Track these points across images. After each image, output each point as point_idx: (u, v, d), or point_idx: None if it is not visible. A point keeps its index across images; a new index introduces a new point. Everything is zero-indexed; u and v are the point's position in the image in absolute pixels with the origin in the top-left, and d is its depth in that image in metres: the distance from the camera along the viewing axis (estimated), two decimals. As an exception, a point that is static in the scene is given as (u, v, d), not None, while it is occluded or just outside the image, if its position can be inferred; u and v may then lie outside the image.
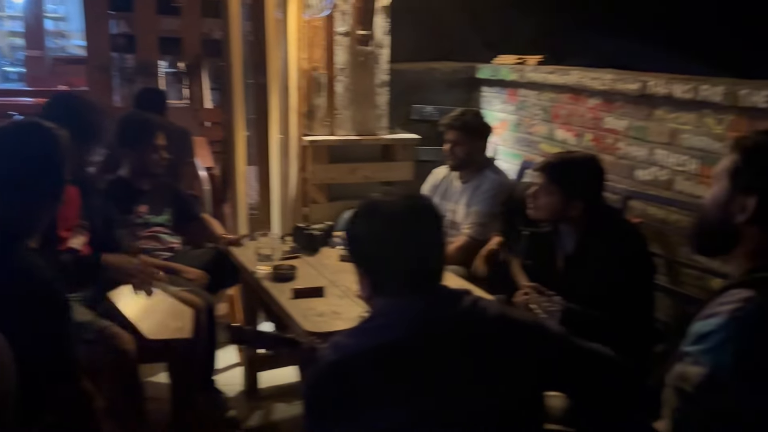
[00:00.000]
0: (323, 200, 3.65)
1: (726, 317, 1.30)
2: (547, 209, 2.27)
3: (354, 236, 1.35)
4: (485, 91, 4.12)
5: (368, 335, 1.26)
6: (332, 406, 1.23)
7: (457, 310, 1.27)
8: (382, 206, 1.32)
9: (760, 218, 1.32)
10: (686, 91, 2.64)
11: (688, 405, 1.34)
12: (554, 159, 2.34)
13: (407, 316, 1.24)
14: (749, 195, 1.32)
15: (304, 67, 3.56)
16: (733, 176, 1.36)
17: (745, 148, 1.37)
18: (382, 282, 1.31)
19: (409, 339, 1.22)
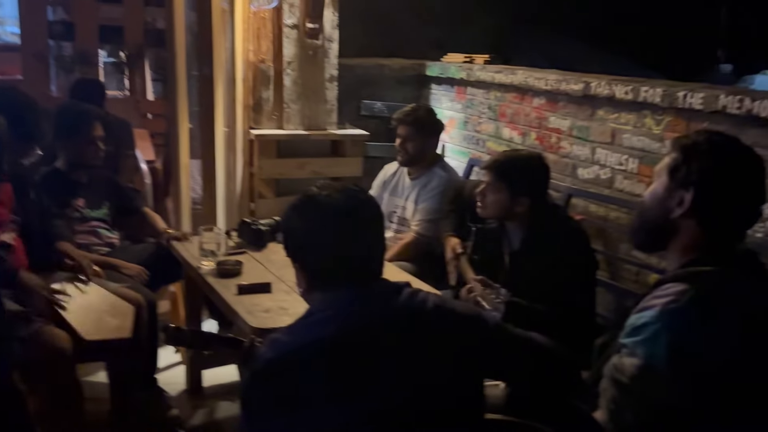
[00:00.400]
0: (271, 195, 3.60)
1: (660, 310, 1.35)
2: (494, 206, 2.31)
3: (289, 229, 1.32)
4: (434, 88, 4.15)
5: (306, 331, 1.23)
6: (270, 405, 1.20)
7: (395, 303, 1.26)
8: (317, 199, 1.28)
9: (696, 212, 1.38)
10: (627, 93, 2.72)
11: (624, 395, 1.38)
12: (501, 157, 2.37)
13: (345, 311, 1.23)
14: (686, 189, 1.39)
15: (251, 60, 3.50)
16: (672, 172, 1.42)
17: (683, 146, 1.43)
18: (318, 276, 1.29)
19: (347, 334, 1.21)
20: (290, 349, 1.21)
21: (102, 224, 2.92)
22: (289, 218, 1.32)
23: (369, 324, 1.22)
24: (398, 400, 1.20)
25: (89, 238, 2.85)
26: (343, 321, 1.22)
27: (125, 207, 3.05)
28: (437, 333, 1.25)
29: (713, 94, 2.35)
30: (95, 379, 2.77)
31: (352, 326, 1.21)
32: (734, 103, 2.27)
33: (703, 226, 1.39)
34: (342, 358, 1.19)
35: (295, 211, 1.31)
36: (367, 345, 1.21)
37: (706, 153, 1.40)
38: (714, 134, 1.46)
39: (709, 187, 1.38)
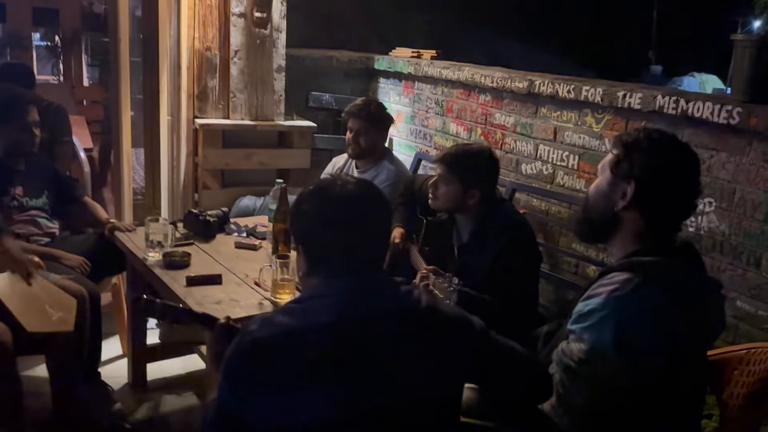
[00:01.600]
0: (216, 186, 3.54)
1: (606, 297, 1.43)
2: (446, 198, 2.36)
3: (300, 212, 1.34)
4: (382, 82, 4.17)
5: (301, 314, 1.24)
6: (253, 381, 1.21)
7: (392, 297, 1.29)
8: (332, 187, 1.33)
9: (638, 203, 1.47)
10: (569, 91, 2.82)
11: (572, 378, 1.46)
12: (453, 150, 2.42)
13: (343, 299, 1.25)
14: (628, 182, 1.47)
15: (197, 47, 3.43)
16: (615, 167, 1.50)
17: (624, 142, 1.52)
18: (321, 262, 1.31)
19: (342, 321, 1.22)
20: (283, 330, 1.22)
21: (41, 213, 2.81)
22: (301, 202, 1.35)
23: (365, 314, 1.24)
24: (381, 393, 1.22)
25: (28, 227, 2.74)
26: (340, 308, 1.23)
27: (65, 196, 2.94)
28: (427, 332, 1.28)
29: (651, 94, 2.48)
30: (33, 373, 2.68)
31: (349, 314, 1.23)
32: (670, 104, 2.39)
33: (645, 217, 1.48)
34: (334, 345, 1.20)
35: (308, 195, 1.34)
36: (360, 335, 1.22)
37: (646, 148, 1.49)
38: (653, 131, 1.54)
39: (649, 180, 1.47)
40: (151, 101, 3.36)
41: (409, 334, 1.27)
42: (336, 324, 1.22)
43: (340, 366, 1.20)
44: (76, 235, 2.96)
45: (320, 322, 1.22)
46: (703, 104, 2.29)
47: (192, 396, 2.79)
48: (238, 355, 1.23)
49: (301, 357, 1.19)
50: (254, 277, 2.30)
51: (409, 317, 1.28)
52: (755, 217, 2.20)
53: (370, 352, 1.22)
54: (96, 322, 2.58)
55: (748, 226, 2.22)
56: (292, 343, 1.20)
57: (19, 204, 2.74)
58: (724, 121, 2.22)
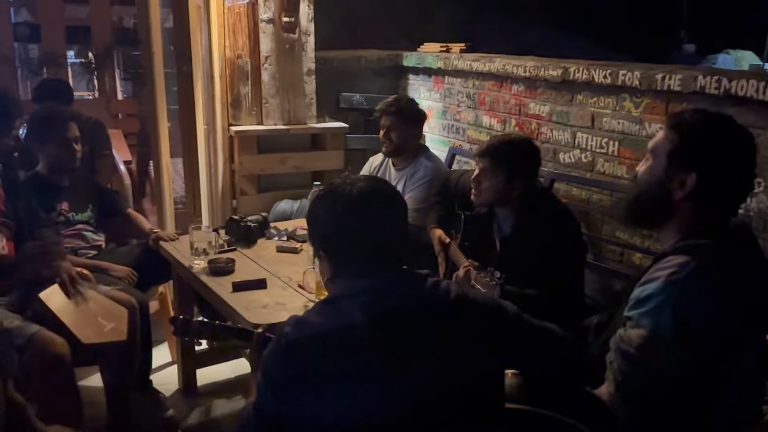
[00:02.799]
0: (253, 191, 3.58)
1: (663, 281, 1.40)
2: (490, 192, 2.34)
3: (314, 217, 1.35)
4: (412, 79, 4.16)
5: (333, 315, 1.26)
6: (291, 382, 1.22)
7: (419, 291, 1.29)
8: (341, 188, 1.32)
9: (697, 194, 1.42)
10: (606, 77, 2.77)
11: (631, 365, 1.43)
12: (495, 142, 2.39)
13: (371, 298, 1.25)
14: (688, 173, 1.42)
15: (228, 55, 3.47)
16: (672, 155, 1.44)
17: (683, 128, 1.45)
18: (343, 264, 1.31)
19: (373, 320, 1.23)
20: (317, 330, 1.23)
21: (87, 227, 2.88)
22: (314, 208, 1.35)
23: (395, 311, 1.24)
24: (421, 388, 1.22)
25: (75, 241, 2.81)
26: (369, 307, 1.24)
27: (109, 209, 3.01)
28: (460, 322, 1.28)
29: (691, 75, 2.42)
30: (89, 383, 2.75)
31: (379, 313, 1.23)
32: (712, 84, 2.33)
33: (704, 206, 1.43)
34: (367, 344, 1.21)
35: (320, 200, 1.34)
36: (393, 332, 1.23)
37: (706, 135, 1.43)
38: (710, 115, 1.48)
39: (711, 170, 1.41)
40: (187, 111, 3.41)
41: (442, 325, 1.26)
42: (368, 322, 1.22)
43: (375, 364, 1.21)
44: (122, 246, 3.02)
45: (353, 320, 1.22)
46: (747, 82, 2.23)
47: (242, 400, 2.82)
48: (275, 357, 1.25)
49: (337, 356, 1.20)
50: (298, 279, 2.32)
51: (440, 309, 1.28)
52: (807, 194, 2.13)
53: (405, 348, 1.22)
54: (146, 330, 2.63)
55: (801, 205, 2.15)
56: (327, 342, 1.22)
57: (66, 219, 2.81)
58: (770, 98, 2.15)
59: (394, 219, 1.34)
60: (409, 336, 1.24)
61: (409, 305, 1.26)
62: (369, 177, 1.38)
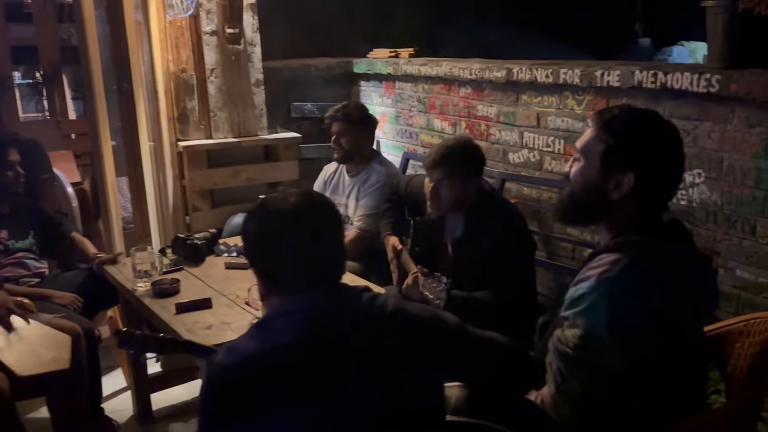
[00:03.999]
0: (206, 207, 3.52)
1: (596, 280, 1.38)
2: (450, 201, 2.32)
3: (247, 235, 1.32)
4: (363, 85, 4.14)
5: (265, 337, 1.22)
6: (227, 410, 1.18)
7: (356, 307, 1.25)
8: (273, 204, 1.29)
9: (636, 192, 1.41)
10: (548, 76, 2.78)
11: (569, 366, 1.41)
12: (444, 151, 2.34)
13: (304, 316, 1.21)
14: (625, 173, 1.40)
15: (172, 70, 3.41)
16: (606, 156, 1.42)
17: (615, 128, 1.43)
18: (276, 281, 1.28)
19: (307, 339, 1.19)
20: (248, 355, 1.19)
21: (29, 254, 2.80)
22: (247, 224, 1.31)
23: (329, 329, 1.21)
24: (360, 405, 1.19)
25: (16, 270, 2.73)
26: (302, 326, 1.20)
27: (53, 234, 2.93)
28: (397, 336, 1.25)
29: (629, 70, 2.43)
30: (38, 414, 2.66)
31: (313, 331, 1.20)
32: (649, 78, 2.35)
33: (640, 203, 1.42)
34: (303, 364, 1.18)
35: (252, 216, 1.31)
36: (328, 350, 1.19)
37: (639, 134, 1.42)
38: (637, 112, 1.48)
39: (648, 169, 1.40)
40: (130, 128, 3.33)
41: (378, 341, 1.23)
42: (300, 343, 1.18)
43: (311, 385, 1.17)
44: (67, 272, 2.94)
45: (284, 342, 1.18)
46: (681, 75, 2.25)
47: (199, 421, 2.76)
48: (209, 388, 1.21)
49: (271, 380, 1.16)
50: (245, 297, 2.27)
51: (376, 324, 1.24)
52: (745, 183, 2.15)
53: (340, 366, 1.19)
54: (93, 357, 2.55)
55: (740, 194, 2.17)
56: (260, 367, 1.17)
57: (5, 248, 2.72)
58: (704, 90, 2.17)
59: (327, 233, 1.30)
60: (344, 353, 1.20)
61: (343, 322, 1.23)
62: (303, 190, 1.34)
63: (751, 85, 2.02)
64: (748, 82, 2.03)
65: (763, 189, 2.09)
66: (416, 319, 1.29)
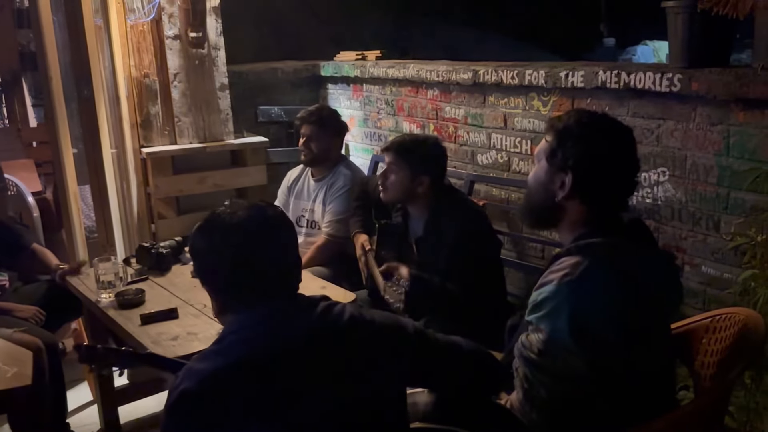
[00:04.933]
0: (171, 214, 3.45)
1: (557, 284, 1.39)
2: (396, 187, 2.36)
3: (195, 251, 1.29)
4: (331, 88, 4.11)
5: (220, 356, 1.19)
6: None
7: (310, 319, 1.23)
8: (221, 218, 1.25)
9: (577, 192, 1.43)
10: (513, 77, 2.79)
11: (535, 371, 1.41)
12: (400, 138, 2.45)
13: (257, 331, 1.19)
14: (565, 173, 1.42)
15: (134, 75, 3.34)
16: (551, 157, 1.45)
17: (557, 130, 1.47)
18: (228, 297, 1.25)
19: (262, 354, 1.17)
20: (205, 376, 1.16)
21: (-14, 267, 2.71)
22: (194, 239, 1.28)
23: (284, 342, 1.18)
24: (321, 416, 1.18)
25: (-27, 284, 2.65)
26: (256, 342, 1.18)
27: (12, 246, 2.84)
28: (355, 345, 1.23)
29: (593, 71, 2.45)
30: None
31: (267, 346, 1.18)
32: (612, 78, 2.37)
33: (587, 203, 1.44)
34: (260, 380, 1.15)
35: (199, 231, 1.28)
36: (285, 364, 1.17)
37: (578, 135, 1.44)
38: (584, 115, 1.50)
39: (585, 169, 1.42)
40: (92, 136, 3.26)
41: (335, 351, 1.21)
42: (253, 359, 1.16)
43: (270, 399, 1.15)
44: (29, 284, 2.86)
45: (238, 359, 1.16)
46: (644, 75, 2.27)
47: (168, 434, 2.70)
48: (170, 413, 1.18)
49: (229, 399, 1.14)
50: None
51: (331, 334, 1.23)
52: (708, 181, 2.18)
53: (298, 378, 1.17)
54: (57, 371, 2.48)
55: (703, 191, 2.20)
56: (217, 386, 1.15)
57: (-39, 261, 2.64)
58: (667, 89, 2.20)
59: (279, 245, 1.27)
60: (301, 365, 1.18)
61: (298, 335, 1.20)
62: (253, 205, 1.30)
63: (712, 84, 2.05)
64: (709, 81, 2.06)
65: (725, 186, 2.13)
66: (374, 327, 1.28)
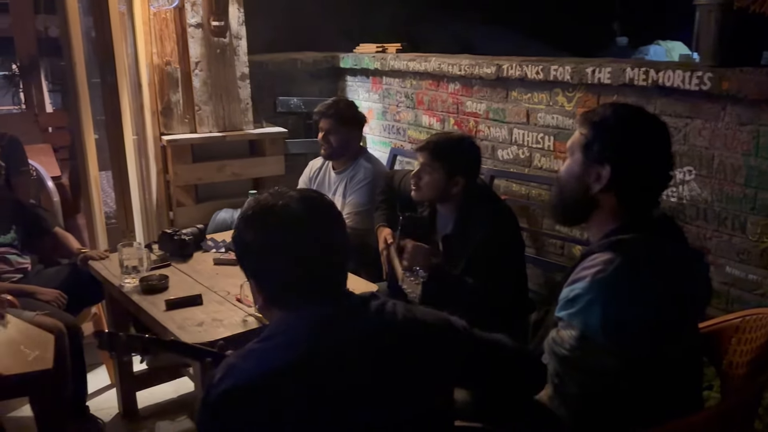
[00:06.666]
0: (190, 202, 3.47)
1: (590, 280, 1.38)
2: (430, 187, 2.33)
3: (243, 244, 1.20)
4: (350, 80, 4.11)
5: (268, 356, 1.13)
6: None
7: (364, 318, 1.18)
8: (273, 210, 1.17)
9: (613, 185, 1.42)
10: (538, 72, 2.78)
11: (566, 367, 1.41)
12: (435, 138, 2.40)
13: (310, 332, 1.13)
14: (602, 165, 1.42)
15: (156, 62, 3.35)
16: (586, 149, 1.45)
17: (593, 122, 1.46)
18: (279, 294, 1.18)
19: (313, 356, 1.11)
20: (251, 375, 1.10)
21: (11, 250, 2.73)
22: (242, 231, 1.19)
23: (337, 343, 1.13)
24: (372, 418, 1.14)
25: (-2, 266, 2.66)
26: (308, 343, 1.12)
27: (35, 229, 2.86)
28: (409, 345, 1.19)
29: (620, 67, 2.44)
30: (20, 413, 2.60)
31: (319, 347, 1.12)
32: (640, 75, 2.35)
33: (622, 197, 1.43)
34: (310, 383, 1.10)
35: (249, 223, 1.19)
36: (337, 365, 1.12)
37: (616, 127, 1.43)
38: (620, 107, 1.49)
39: (624, 161, 1.41)
40: (114, 122, 3.27)
41: (389, 352, 1.17)
42: (308, 360, 1.11)
43: (320, 402, 1.10)
44: (50, 267, 2.87)
45: (288, 362, 1.10)
46: (673, 73, 2.26)
47: (186, 420, 2.72)
48: (209, 413, 1.11)
49: (277, 401, 1.09)
50: (236, 293, 2.23)
51: (386, 335, 1.18)
52: (736, 181, 2.17)
53: (350, 380, 1.12)
54: (78, 355, 2.50)
55: (730, 191, 2.19)
56: (264, 387, 1.09)
57: (-14, 243, 2.66)
58: (696, 88, 2.18)
59: (332, 240, 1.20)
60: (353, 368, 1.14)
61: (351, 337, 1.15)
62: (302, 194, 1.22)
63: (743, 83, 2.04)
64: (740, 80, 2.05)
65: (753, 186, 2.12)
66: (427, 326, 1.24)
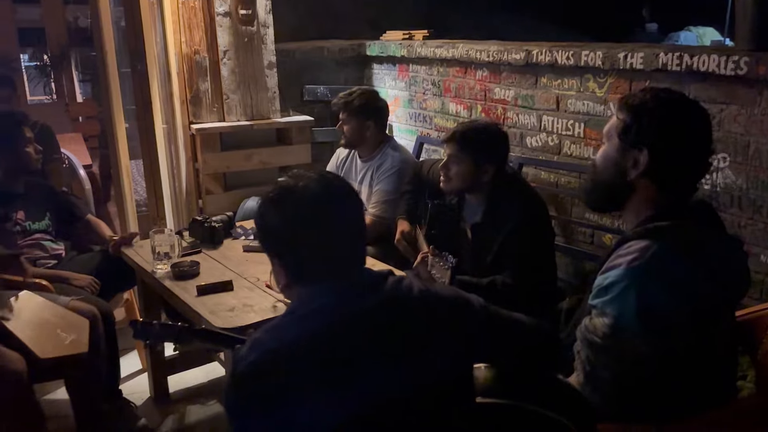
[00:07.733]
0: (219, 190, 3.50)
1: (625, 268, 1.37)
2: (459, 177, 2.32)
3: (266, 225, 1.26)
4: (376, 68, 4.10)
5: (291, 329, 1.19)
6: (258, 408, 1.15)
7: (381, 293, 1.23)
8: (293, 190, 1.24)
9: (651, 171, 1.40)
10: (569, 58, 2.74)
11: (598, 354, 1.40)
12: (461, 128, 2.38)
13: (330, 305, 1.19)
14: (640, 150, 1.40)
15: (184, 51, 3.38)
16: (623, 134, 1.43)
17: (631, 106, 1.43)
18: (300, 271, 1.24)
19: (334, 328, 1.17)
20: (274, 347, 1.16)
21: (46, 236, 2.78)
22: (265, 212, 1.26)
23: (356, 317, 1.18)
24: (391, 389, 1.17)
25: (34, 251, 2.72)
26: (329, 316, 1.18)
27: (68, 216, 2.91)
28: (425, 319, 1.23)
29: (653, 52, 2.39)
30: (55, 396, 2.66)
31: (339, 320, 1.17)
32: (674, 60, 2.31)
33: (659, 183, 1.41)
34: (331, 354, 1.15)
35: (271, 204, 1.25)
36: (356, 338, 1.17)
37: (656, 111, 1.41)
38: (660, 91, 1.46)
39: (662, 146, 1.39)
40: (145, 111, 3.31)
41: (406, 324, 1.21)
42: (327, 331, 1.16)
43: (340, 373, 1.15)
44: (83, 254, 2.93)
45: (311, 332, 1.16)
46: (708, 57, 2.22)
47: (216, 404, 2.77)
48: (237, 386, 1.16)
49: (300, 372, 1.14)
50: (265, 279, 2.25)
51: (402, 307, 1.22)
52: (773, 168, 2.12)
53: (369, 353, 1.17)
54: (111, 340, 2.55)
55: (766, 179, 2.14)
56: (287, 359, 1.14)
57: (22, 229, 2.71)
58: (732, 73, 2.14)
59: (350, 218, 1.27)
60: (373, 339, 1.18)
61: (370, 307, 1.20)
62: (320, 175, 1.29)
63: (781, 68, 2.00)
64: (778, 65, 2.00)
65: (790, 173, 2.07)
66: (442, 300, 1.28)
